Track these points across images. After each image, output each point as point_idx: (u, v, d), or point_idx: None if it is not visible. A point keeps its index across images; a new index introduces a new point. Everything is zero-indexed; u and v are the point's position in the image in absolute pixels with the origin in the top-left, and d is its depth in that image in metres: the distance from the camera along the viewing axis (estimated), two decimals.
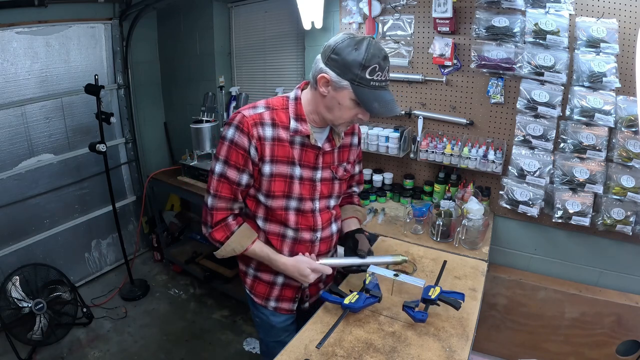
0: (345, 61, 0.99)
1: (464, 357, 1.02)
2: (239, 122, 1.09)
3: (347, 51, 0.99)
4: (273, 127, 1.11)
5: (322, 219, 1.26)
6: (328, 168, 1.24)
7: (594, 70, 1.58)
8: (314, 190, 1.22)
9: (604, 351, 1.84)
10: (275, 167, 1.13)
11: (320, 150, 1.19)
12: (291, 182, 1.17)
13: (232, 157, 1.10)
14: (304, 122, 1.13)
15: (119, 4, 2.84)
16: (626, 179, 1.63)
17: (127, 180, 3.28)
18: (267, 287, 1.33)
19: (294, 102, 1.14)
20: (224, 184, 1.14)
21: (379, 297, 1.15)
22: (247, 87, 2.92)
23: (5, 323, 2.24)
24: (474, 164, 1.90)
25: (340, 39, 1.01)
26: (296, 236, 1.23)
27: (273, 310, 1.34)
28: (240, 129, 1.08)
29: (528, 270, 2.03)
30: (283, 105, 1.14)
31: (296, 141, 1.15)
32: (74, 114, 2.76)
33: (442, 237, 1.70)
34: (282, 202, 1.18)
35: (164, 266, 3.27)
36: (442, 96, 2.00)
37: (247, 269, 1.35)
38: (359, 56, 0.98)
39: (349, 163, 1.31)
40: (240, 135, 1.08)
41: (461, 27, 1.86)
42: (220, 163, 1.13)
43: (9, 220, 2.52)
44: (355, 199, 1.50)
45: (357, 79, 1.00)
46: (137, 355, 2.34)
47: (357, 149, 1.37)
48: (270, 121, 1.11)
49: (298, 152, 1.16)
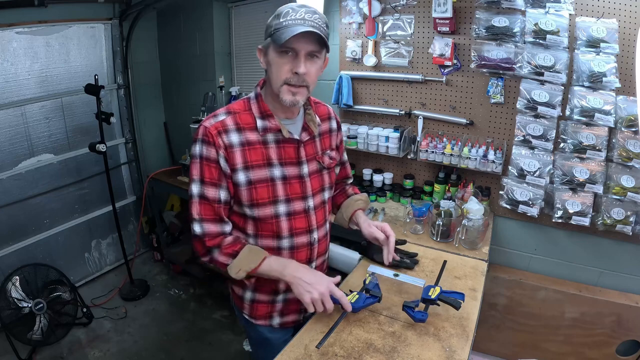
0: (267, 24, 1.02)
1: (464, 357, 1.02)
2: (202, 135, 1.03)
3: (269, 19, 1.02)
4: (239, 132, 1.05)
5: (317, 217, 1.18)
6: (314, 159, 1.17)
7: (594, 70, 1.58)
8: (304, 188, 1.14)
9: (604, 351, 1.84)
10: (252, 173, 1.06)
11: (299, 142, 1.12)
12: (273, 185, 1.09)
13: (206, 173, 1.04)
14: (271, 118, 1.08)
15: (119, 4, 2.84)
16: (626, 179, 1.63)
17: (127, 180, 3.28)
18: (268, 307, 1.22)
19: (255, 101, 1.09)
20: (205, 206, 1.06)
21: (379, 297, 1.15)
22: (247, 87, 2.92)
23: (5, 323, 2.24)
24: (474, 164, 1.90)
25: None
26: (292, 244, 1.15)
27: (278, 326, 1.24)
28: (206, 142, 1.02)
29: (528, 270, 2.03)
30: (245, 107, 1.09)
31: (269, 140, 1.08)
32: (74, 114, 2.77)
33: (442, 237, 1.70)
34: (270, 209, 1.09)
35: (164, 266, 3.27)
36: (442, 96, 2.00)
37: (243, 293, 1.23)
38: (274, 12, 1.00)
39: (332, 150, 1.25)
40: (207, 148, 1.03)
41: (461, 27, 1.86)
42: (196, 183, 1.05)
43: (9, 220, 2.52)
44: (349, 189, 1.42)
45: (273, 29, 0.98)
46: (137, 355, 2.35)
47: (338, 133, 1.29)
48: (235, 126, 1.05)
49: (275, 151, 1.09)
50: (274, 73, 1.02)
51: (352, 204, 1.36)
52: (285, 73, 1.01)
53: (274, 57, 1.01)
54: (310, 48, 0.99)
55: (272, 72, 1.03)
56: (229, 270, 1.07)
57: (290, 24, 0.95)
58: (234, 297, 1.29)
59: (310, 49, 0.99)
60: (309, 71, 1.02)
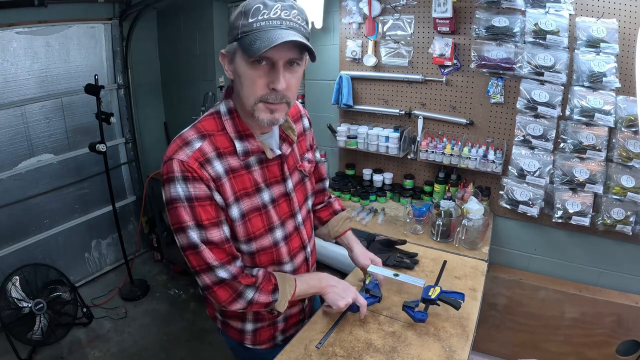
0: (230, 23, 0.81)
1: (464, 357, 1.02)
2: (182, 172, 0.82)
3: (233, 16, 0.82)
4: (220, 159, 0.87)
5: (306, 230, 1.11)
6: (295, 170, 1.05)
7: (594, 70, 1.58)
8: (291, 204, 1.03)
9: (604, 351, 1.84)
10: (243, 205, 0.91)
11: (282, 157, 0.98)
12: (266, 211, 0.96)
13: (202, 215, 0.85)
14: (251, 138, 0.90)
15: (119, 4, 2.84)
16: (626, 179, 1.63)
17: (127, 180, 3.28)
18: (270, 330, 1.13)
19: (229, 117, 0.90)
20: (216, 250, 0.89)
21: (379, 297, 1.15)
22: None
23: (5, 323, 2.24)
24: (474, 164, 1.89)
25: None
26: (294, 267, 1.08)
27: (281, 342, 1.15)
28: (190, 179, 0.83)
29: (528, 270, 2.03)
30: (218, 127, 0.89)
31: (252, 162, 0.92)
32: (74, 114, 2.76)
33: (442, 237, 1.70)
34: (268, 239, 0.98)
35: (164, 266, 3.26)
36: (442, 96, 2.00)
37: (243, 325, 1.11)
38: (239, 8, 0.79)
39: (308, 151, 1.13)
40: (194, 186, 0.83)
41: (461, 27, 1.86)
42: (193, 230, 0.85)
43: (9, 220, 2.52)
44: (335, 204, 1.31)
45: (240, 30, 0.78)
46: (137, 355, 2.34)
47: (310, 131, 1.16)
48: (215, 152, 0.86)
49: (260, 174, 0.94)
50: (245, 88, 0.83)
51: (342, 224, 1.28)
52: (261, 89, 0.82)
53: (244, 69, 0.81)
54: (290, 56, 0.80)
55: (243, 87, 0.83)
56: (277, 306, 0.97)
57: (263, 27, 0.76)
58: (230, 333, 1.14)
59: (289, 57, 0.80)
60: (289, 84, 0.83)
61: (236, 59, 0.82)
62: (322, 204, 1.31)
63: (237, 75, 0.84)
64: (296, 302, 1.12)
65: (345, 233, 1.29)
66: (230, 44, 0.83)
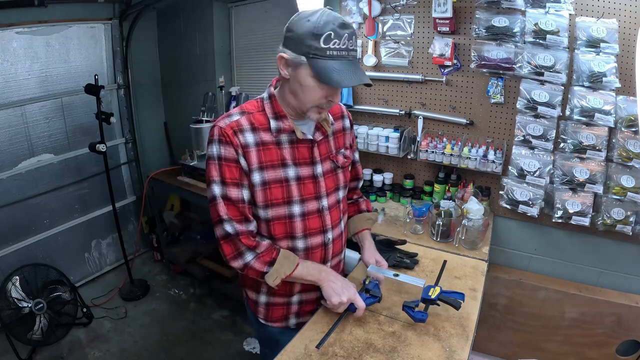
0: (298, 34, 0.91)
1: (464, 357, 1.02)
2: (219, 136, 1.01)
3: (299, 24, 0.92)
4: (253, 132, 1.03)
5: (331, 217, 1.16)
6: (327, 159, 1.15)
7: (594, 70, 1.58)
8: (318, 187, 1.12)
9: (604, 351, 1.84)
10: (267, 174, 1.05)
11: (312, 142, 1.10)
12: (288, 185, 1.08)
13: (227, 173, 1.02)
14: (284, 119, 1.05)
15: (119, 4, 2.84)
16: (626, 179, 1.63)
17: (127, 180, 3.28)
18: (283, 309, 1.22)
19: (268, 101, 1.07)
20: (230, 206, 1.03)
21: (379, 297, 1.15)
22: (247, 87, 2.91)
23: (5, 323, 2.24)
24: (474, 164, 1.89)
25: (295, 15, 0.95)
26: (307, 245, 1.14)
27: (295, 327, 1.22)
28: (224, 142, 1.01)
29: (528, 270, 2.03)
30: (258, 108, 1.07)
31: (283, 140, 1.07)
32: (74, 114, 2.77)
33: (442, 237, 1.70)
34: (284, 209, 1.08)
35: (164, 266, 3.27)
36: (442, 96, 2.00)
37: (257, 297, 1.22)
38: (310, 25, 0.89)
39: (346, 149, 1.22)
40: (225, 148, 1.01)
41: (461, 27, 1.86)
42: (217, 185, 1.03)
43: (9, 220, 2.52)
44: (362, 204, 1.39)
45: (312, 50, 0.90)
46: (137, 355, 2.35)
47: (351, 132, 1.27)
48: (249, 126, 1.03)
49: (289, 152, 1.07)
50: (306, 96, 0.98)
51: (363, 221, 1.36)
52: (320, 99, 0.98)
53: (309, 82, 0.95)
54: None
55: (304, 94, 0.98)
56: (267, 278, 1.06)
57: (335, 57, 0.90)
58: (249, 304, 1.27)
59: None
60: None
61: (301, 70, 0.95)
62: (350, 200, 1.39)
63: (297, 82, 0.97)
64: (313, 288, 1.17)
65: (362, 231, 1.35)
66: (294, 54, 0.94)
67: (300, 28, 0.92)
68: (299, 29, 0.92)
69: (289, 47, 0.95)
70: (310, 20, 0.90)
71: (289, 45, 0.95)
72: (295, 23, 0.94)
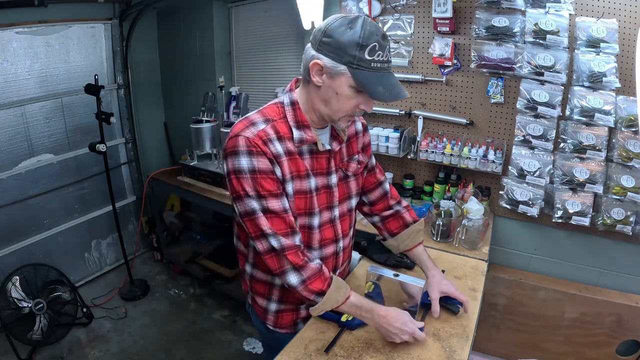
0: (340, 42, 0.86)
1: (464, 357, 1.02)
2: (247, 147, 0.93)
3: (340, 31, 0.86)
4: (280, 141, 0.97)
5: (342, 226, 1.15)
6: (339, 167, 1.13)
7: (594, 70, 1.58)
8: (331, 197, 1.10)
9: (604, 351, 1.84)
10: (294, 185, 1.01)
11: (330, 152, 1.07)
12: (311, 196, 1.04)
13: (264, 186, 0.94)
14: (307, 129, 1.00)
15: (119, 4, 2.84)
16: (626, 179, 1.63)
17: (127, 180, 3.28)
18: (293, 315, 1.19)
19: (291, 108, 1.00)
20: (274, 219, 0.96)
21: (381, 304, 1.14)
22: (247, 87, 2.91)
23: (5, 323, 2.24)
24: (474, 164, 1.89)
25: (331, 20, 0.89)
26: (322, 255, 1.11)
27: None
28: (255, 153, 0.93)
29: (528, 270, 2.03)
30: (280, 114, 1.00)
31: (304, 151, 1.03)
32: (74, 114, 2.76)
33: (442, 237, 1.70)
34: (305, 220, 1.05)
35: (164, 266, 3.26)
36: (442, 96, 2.00)
37: (268, 304, 1.17)
38: (354, 35, 0.85)
39: (359, 153, 1.19)
40: (259, 160, 0.93)
41: (461, 27, 1.86)
42: (254, 200, 0.95)
43: (9, 220, 2.52)
44: (406, 215, 1.27)
45: (356, 61, 0.86)
46: (137, 355, 2.35)
47: (364, 134, 1.22)
48: (276, 135, 0.97)
49: (309, 162, 1.04)
50: (340, 104, 0.94)
51: (413, 236, 1.26)
52: (353, 108, 0.95)
53: (344, 89, 0.91)
54: None
55: (338, 103, 0.94)
56: (312, 311, 1.02)
57: (378, 69, 0.88)
58: (256, 310, 1.22)
59: None
60: None
61: (339, 79, 0.90)
62: (389, 210, 1.28)
63: (332, 90, 0.92)
64: None
65: (415, 248, 1.26)
66: (334, 62, 0.88)
67: (342, 36, 0.86)
68: (340, 37, 0.87)
69: (327, 55, 0.89)
70: (353, 29, 0.85)
71: (327, 53, 0.89)
72: (335, 29, 0.87)
